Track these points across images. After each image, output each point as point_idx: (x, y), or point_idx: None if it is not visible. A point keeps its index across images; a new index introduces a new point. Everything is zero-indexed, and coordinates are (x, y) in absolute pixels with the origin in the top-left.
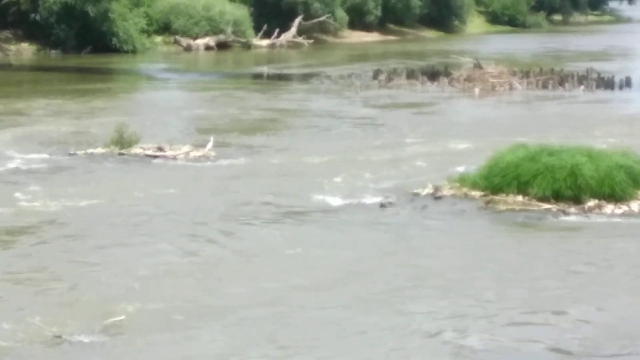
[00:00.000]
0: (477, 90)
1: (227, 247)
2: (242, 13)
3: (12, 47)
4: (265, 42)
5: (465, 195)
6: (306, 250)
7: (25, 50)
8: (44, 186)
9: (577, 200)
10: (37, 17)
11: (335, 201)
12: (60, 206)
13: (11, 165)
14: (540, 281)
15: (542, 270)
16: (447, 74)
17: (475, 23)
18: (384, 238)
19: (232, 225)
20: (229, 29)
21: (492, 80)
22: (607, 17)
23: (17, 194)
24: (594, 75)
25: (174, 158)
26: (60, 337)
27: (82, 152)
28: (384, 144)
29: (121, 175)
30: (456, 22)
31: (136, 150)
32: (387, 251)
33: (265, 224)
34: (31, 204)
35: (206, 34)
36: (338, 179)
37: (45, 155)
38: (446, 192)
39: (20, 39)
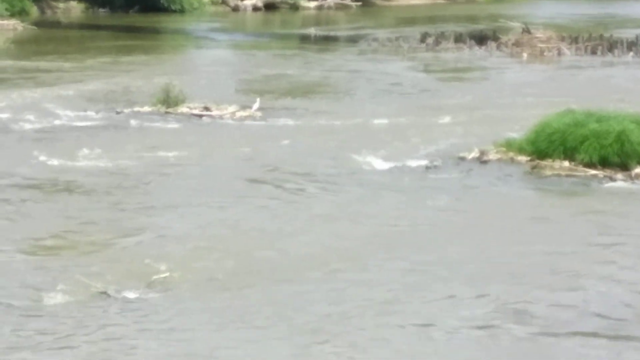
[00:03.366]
0: (525, 55)
1: (273, 209)
2: None
3: (61, 5)
4: (313, 4)
5: (512, 160)
6: (349, 211)
7: (73, 8)
8: (91, 144)
9: (624, 166)
10: None
11: (380, 164)
12: (106, 164)
13: (57, 122)
14: (587, 247)
15: (589, 235)
16: (495, 38)
17: None
18: (431, 201)
19: (275, 188)
20: None
21: (540, 45)
22: None
23: (64, 152)
24: None
25: (220, 118)
26: (105, 292)
27: (129, 110)
28: (430, 107)
29: (167, 133)
30: None
31: (182, 109)
32: (434, 214)
33: (311, 186)
34: (77, 161)
35: None
36: (383, 142)
37: (92, 113)
38: (492, 156)
39: None
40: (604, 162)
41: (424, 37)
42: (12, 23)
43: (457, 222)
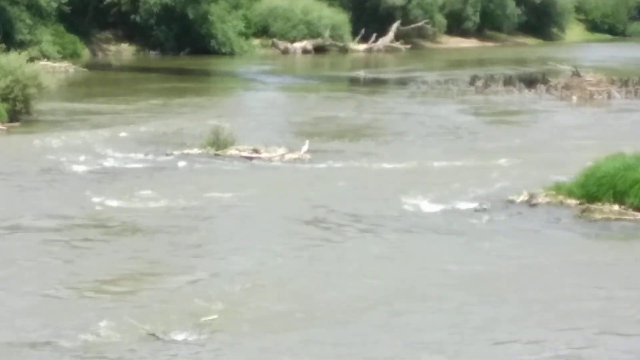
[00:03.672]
0: (574, 98)
1: (327, 250)
2: (341, 17)
3: (112, 48)
4: (362, 47)
5: (561, 203)
6: (403, 254)
7: (124, 51)
8: (143, 185)
9: None
10: (137, 19)
11: (431, 206)
12: (159, 205)
13: (108, 164)
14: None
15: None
16: (544, 81)
17: (574, 31)
18: (481, 244)
19: (327, 230)
20: (327, 33)
21: (590, 88)
22: None
23: (116, 193)
24: None
25: (269, 160)
26: (154, 334)
27: (179, 152)
28: (479, 150)
29: (218, 175)
30: (555, 30)
31: (232, 151)
32: (486, 257)
33: (363, 228)
34: (130, 202)
35: (304, 38)
36: (433, 184)
37: (141, 155)
38: (541, 199)
39: (120, 39)
40: None
41: (473, 80)
42: (64, 65)
43: (509, 265)
